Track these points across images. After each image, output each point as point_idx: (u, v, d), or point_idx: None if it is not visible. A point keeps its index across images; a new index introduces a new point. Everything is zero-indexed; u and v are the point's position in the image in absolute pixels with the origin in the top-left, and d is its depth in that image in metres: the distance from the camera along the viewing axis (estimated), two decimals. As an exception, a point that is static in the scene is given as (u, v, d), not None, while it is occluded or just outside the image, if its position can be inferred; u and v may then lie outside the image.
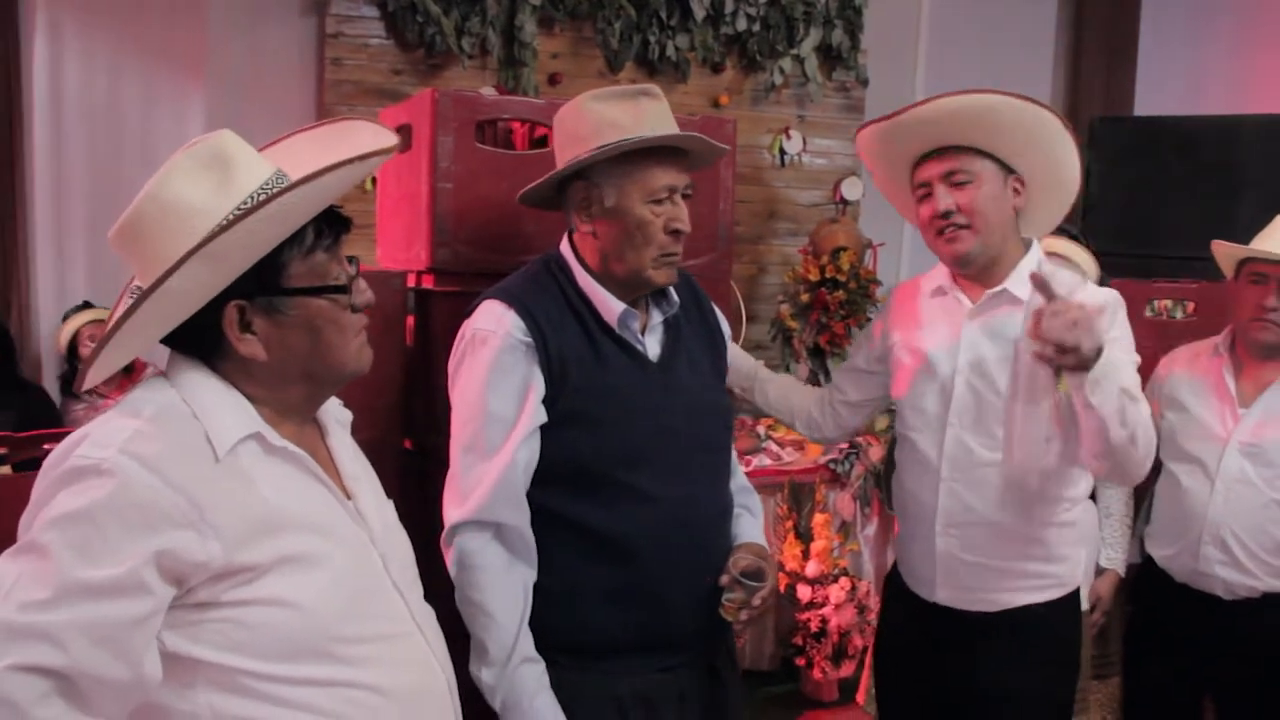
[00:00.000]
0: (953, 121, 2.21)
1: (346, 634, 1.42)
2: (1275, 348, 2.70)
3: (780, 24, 5.50)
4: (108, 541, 1.26)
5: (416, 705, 1.50)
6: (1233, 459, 2.71)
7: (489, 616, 1.91)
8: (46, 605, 1.23)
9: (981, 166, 2.24)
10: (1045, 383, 2.08)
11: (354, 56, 4.84)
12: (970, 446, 2.27)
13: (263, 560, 1.35)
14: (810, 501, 4.40)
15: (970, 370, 2.28)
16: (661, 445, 2.00)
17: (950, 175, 2.23)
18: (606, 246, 2.00)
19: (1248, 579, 2.69)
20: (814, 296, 5.04)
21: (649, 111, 1.98)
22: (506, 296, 1.99)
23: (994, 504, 2.26)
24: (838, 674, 4.26)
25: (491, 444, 1.93)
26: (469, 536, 1.94)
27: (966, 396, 2.28)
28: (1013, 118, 2.20)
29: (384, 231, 2.79)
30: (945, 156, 2.25)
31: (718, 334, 2.23)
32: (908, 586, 2.44)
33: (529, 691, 1.90)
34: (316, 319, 1.45)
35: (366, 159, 1.40)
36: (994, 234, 2.26)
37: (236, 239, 1.33)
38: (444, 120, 2.42)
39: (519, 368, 1.94)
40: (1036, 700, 2.34)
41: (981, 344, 2.28)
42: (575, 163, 1.98)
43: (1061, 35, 6.29)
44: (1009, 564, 2.30)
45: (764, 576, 2.01)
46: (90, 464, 1.29)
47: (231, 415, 1.41)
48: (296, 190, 1.34)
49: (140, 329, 1.37)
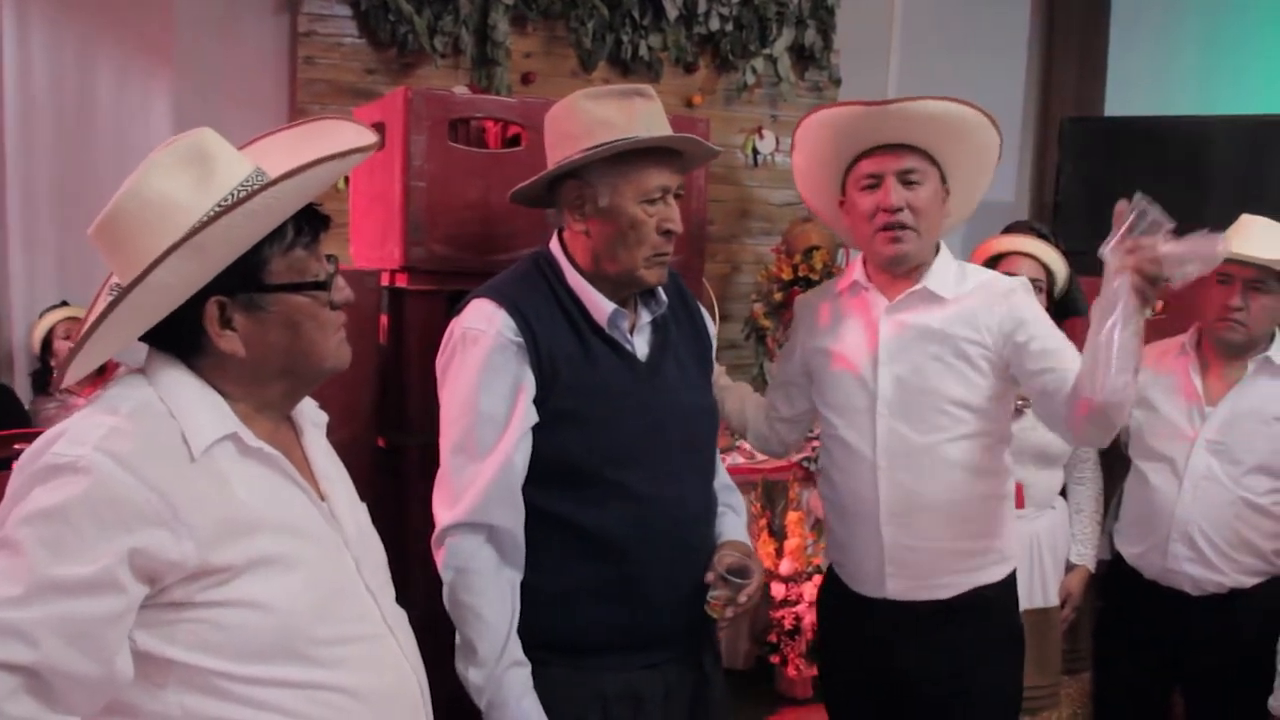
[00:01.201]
0: (928, 124, 2.24)
1: (319, 636, 1.42)
2: (1241, 346, 2.73)
3: (753, 24, 5.51)
4: (81, 539, 1.26)
5: (388, 707, 1.51)
6: (1200, 457, 2.73)
7: (480, 619, 1.92)
8: (19, 602, 1.23)
9: (929, 169, 2.28)
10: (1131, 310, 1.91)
11: (326, 55, 4.83)
12: (903, 433, 2.28)
13: (236, 561, 1.35)
14: (783, 499, 4.42)
15: (892, 361, 2.30)
16: (649, 444, 2.01)
17: (908, 173, 2.25)
18: (599, 246, 2.00)
19: (1215, 575, 2.72)
20: (787, 295, 5.05)
21: (642, 111, 1.99)
22: (497, 295, 1.99)
23: (940, 485, 2.28)
24: (812, 671, 4.27)
25: (483, 444, 1.93)
26: (461, 539, 1.94)
27: (891, 386, 2.29)
28: (979, 138, 2.28)
29: (357, 230, 2.79)
30: (901, 153, 2.26)
31: (704, 334, 2.23)
32: (849, 589, 2.43)
33: (516, 694, 1.91)
34: (296, 315, 1.45)
35: (346, 156, 1.40)
36: (929, 237, 2.31)
37: (218, 234, 1.33)
38: (417, 119, 2.41)
39: (510, 367, 1.94)
40: (997, 683, 2.38)
41: (901, 335, 2.30)
42: (569, 162, 1.98)
43: (1033, 36, 6.33)
44: (958, 544, 2.32)
45: (749, 574, 2.02)
46: (66, 461, 1.29)
47: (208, 415, 1.41)
48: (278, 186, 1.35)
49: (121, 325, 1.37)
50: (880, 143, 2.27)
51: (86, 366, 1.42)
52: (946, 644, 2.33)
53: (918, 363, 2.28)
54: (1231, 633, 2.73)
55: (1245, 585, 2.72)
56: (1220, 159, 4.57)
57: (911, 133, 2.26)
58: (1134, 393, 2.03)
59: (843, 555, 2.46)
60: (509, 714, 1.91)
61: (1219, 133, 4.66)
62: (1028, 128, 6.30)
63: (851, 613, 2.44)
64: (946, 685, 2.33)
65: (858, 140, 2.29)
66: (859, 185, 2.30)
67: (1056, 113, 5.91)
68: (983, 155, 2.32)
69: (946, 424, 2.28)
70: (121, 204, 1.38)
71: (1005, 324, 2.26)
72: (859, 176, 2.30)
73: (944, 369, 2.28)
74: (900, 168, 2.25)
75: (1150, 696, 2.92)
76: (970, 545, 2.34)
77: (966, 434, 2.29)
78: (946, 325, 2.29)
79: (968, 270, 2.39)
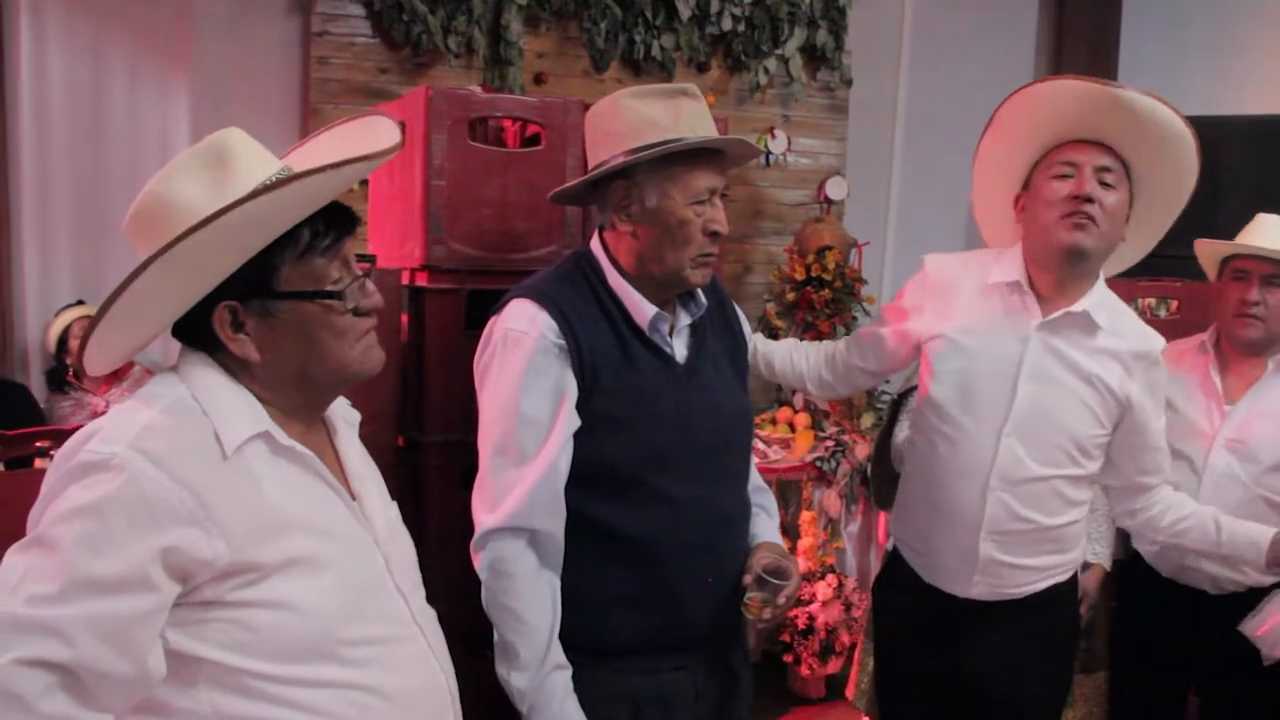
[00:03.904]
0: (1146, 130, 2.16)
1: (349, 636, 1.43)
2: (1259, 343, 2.73)
3: (765, 24, 5.51)
4: (115, 537, 1.26)
5: (418, 707, 1.51)
6: (1219, 455, 2.74)
7: (523, 623, 1.92)
8: (54, 600, 1.24)
9: (1124, 180, 2.21)
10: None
11: (340, 55, 4.83)
12: (1022, 458, 2.25)
13: (267, 561, 1.36)
14: (797, 499, 4.43)
15: (1034, 381, 2.24)
16: (685, 448, 2.00)
17: (1104, 170, 2.18)
18: (646, 247, 1.98)
19: (1234, 574, 2.72)
20: (799, 295, 5.06)
21: (687, 111, 1.97)
22: (539, 296, 1.96)
23: (1045, 514, 2.29)
24: (825, 670, 4.29)
25: (524, 447, 1.92)
26: (503, 543, 1.93)
27: (1028, 407, 2.24)
28: (1183, 167, 2.22)
29: (377, 229, 2.80)
30: (1103, 150, 2.19)
31: (740, 337, 2.22)
32: (924, 580, 2.43)
33: (559, 697, 1.91)
34: (309, 323, 1.44)
35: (340, 167, 1.36)
36: (1107, 246, 2.22)
37: (199, 245, 1.31)
38: (438, 118, 2.42)
39: (552, 370, 1.92)
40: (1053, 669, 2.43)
41: (1046, 358, 2.24)
42: (617, 163, 1.96)
43: (1044, 37, 6.32)
44: (1042, 560, 2.34)
45: (787, 575, 2.01)
46: (100, 459, 1.29)
47: (240, 413, 1.41)
48: (269, 195, 1.33)
49: (121, 328, 1.37)
50: (1089, 136, 2.20)
51: (107, 361, 1.43)
52: (1015, 633, 2.37)
53: (1057, 394, 2.24)
54: (1249, 631, 2.72)
55: (1264, 584, 2.70)
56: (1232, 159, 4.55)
57: (1123, 134, 2.18)
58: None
59: (928, 549, 2.43)
60: (552, 716, 1.90)
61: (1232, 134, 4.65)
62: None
63: (918, 601, 2.44)
64: (1006, 670, 2.36)
65: (1069, 126, 2.21)
66: (1051, 172, 2.22)
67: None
68: (1177, 190, 2.26)
69: (1065, 461, 2.26)
70: (143, 202, 1.39)
71: (1139, 395, 2.28)
72: (1053, 163, 2.22)
73: (1079, 407, 2.25)
74: (1100, 163, 2.18)
75: (1166, 695, 2.92)
76: (1058, 560, 2.37)
77: (1079, 475, 2.30)
78: (1094, 364, 2.25)
79: (1121, 309, 2.33)
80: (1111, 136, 2.19)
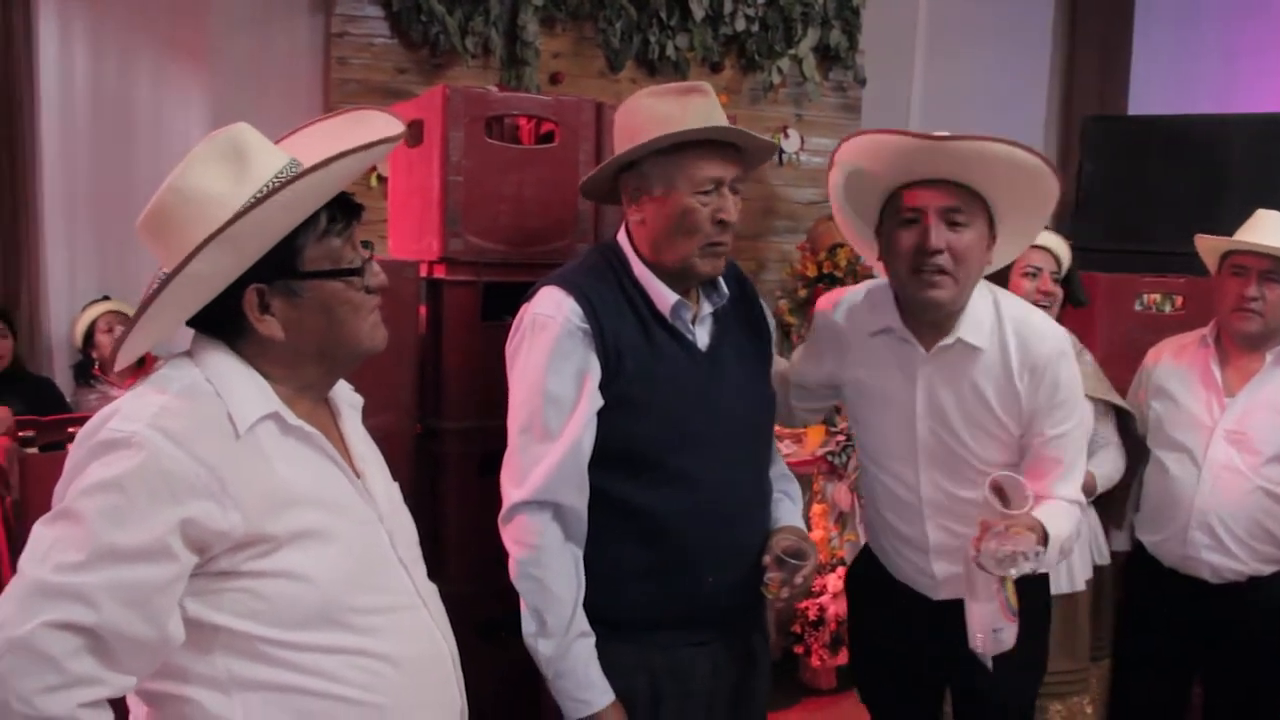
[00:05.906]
0: (984, 165, 2.06)
1: (356, 604, 1.49)
2: (1258, 337, 2.78)
3: (778, 24, 5.56)
4: (137, 509, 1.33)
5: (422, 673, 1.57)
6: (1219, 447, 2.78)
7: (549, 592, 1.99)
8: (80, 567, 1.30)
9: (976, 211, 2.11)
10: (987, 585, 2.06)
11: (359, 55, 4.90)
12: (944, 487, 2.27)
13: (279, 533, 1.42)
14: (808, 492, 4.45)
15: (930, 417, 2.24)
16: (708, 431, 2.07)
17: (953, 212, 2.08)
18: (656, 234, 2.05)
19: (1234, 563, 2.77)
20: (812, 292, 5.10)
21: (695, 106, 2.03)
22: (566, 284, 2.05)
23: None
24: (835, 661, 4.30)
25: (549, 425, 1.99)
26: (529, 516, 2.00)
27: (931, 442, 2.25)
28: (1040, 186, 2.10)
29: (395, 224, 2.86)
30: (948, 190, 2.08)
31: (763, 325, 2.28)
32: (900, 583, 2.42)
33: (583, 662, 1.99)
34: (331, 300, 1.52)
35: (371, 147, 1.46)
36: (969, 286, 2.15)
37: (252, 225, 1.40)
38: (455, 116, 2.49)
39: (577, 352, 1.99)
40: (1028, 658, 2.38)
41: (938, 389, 2.23)
42: (625, 155, 2.05)
43: (1057, 37, 6.35)
44: None
45: (805, 556, 2.08)
46: (121, 437, 1.36)
47: (251, 395, 1.48)
48: (308, 178, 1.41)
49: (165, 312, 1.44)
50: (929, 176, 2.09)
51: (135, 352, 1.50)
52: None
53: (954, 423, 2.23)
54: (1250, 620, 2.77)
55: (1264, 573, 2.76)
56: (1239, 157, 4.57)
57: (966, 170, 2.07)
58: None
59: (895, 564, 2.42)
60: (577, 681, 1.98)
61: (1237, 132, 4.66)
62: (1050, 126, 6.33)
63: (892, 593, 2.43)
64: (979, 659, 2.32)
65: (904, 170, 2.11)
66: (898, 218, 2.13)
67: (1080, 112, 5.92)
68: (1039, 204, 2.15)
69: (981, 480, 2.19)
70: (162, 198, 1.46)
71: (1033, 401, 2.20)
72: (899, 209, 2.13)
73: (978, 432, 2.23)
74: (946, 205, 2.08)
75: (1170, 683, 2.96)
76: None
77: None
78: (984, 383, 2.20)
79: (1004, 311, 2.21)
80: (953, 173, 2.08)
